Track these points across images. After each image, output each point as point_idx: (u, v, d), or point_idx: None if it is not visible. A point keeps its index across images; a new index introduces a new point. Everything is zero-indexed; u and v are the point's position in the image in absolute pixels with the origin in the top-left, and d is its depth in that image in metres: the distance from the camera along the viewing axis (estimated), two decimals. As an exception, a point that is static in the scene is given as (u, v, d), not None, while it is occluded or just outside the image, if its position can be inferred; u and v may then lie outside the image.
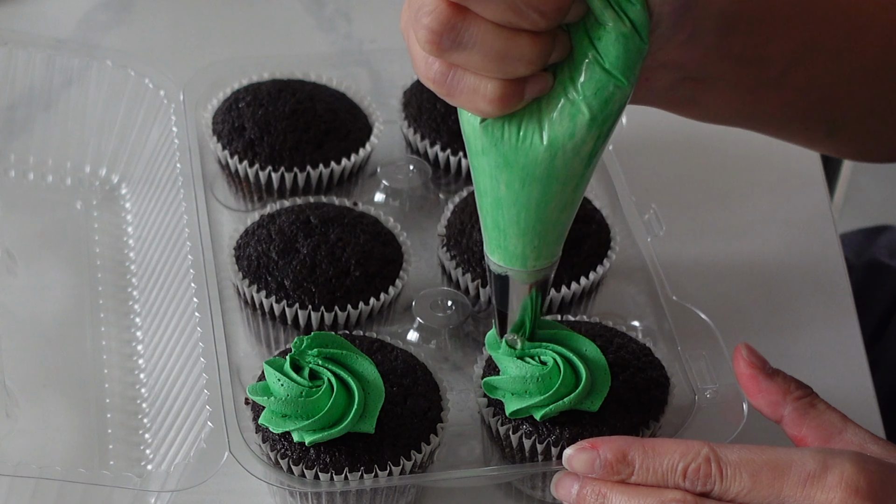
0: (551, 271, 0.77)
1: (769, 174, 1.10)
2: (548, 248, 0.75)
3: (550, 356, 0.81)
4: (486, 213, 0.74)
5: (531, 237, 0.74)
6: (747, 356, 0.80)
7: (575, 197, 0.74)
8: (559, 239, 0.76)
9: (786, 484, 0.70)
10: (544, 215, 0.73)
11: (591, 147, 0.71)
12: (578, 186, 0.73)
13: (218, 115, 1.00)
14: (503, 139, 0.71)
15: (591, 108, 0.70)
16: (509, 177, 0.72)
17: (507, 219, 0.74)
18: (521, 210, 0.73)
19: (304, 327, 0.89)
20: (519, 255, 0.75)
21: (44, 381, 0.92)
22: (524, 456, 0.83)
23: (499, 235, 0.75)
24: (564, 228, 0.75)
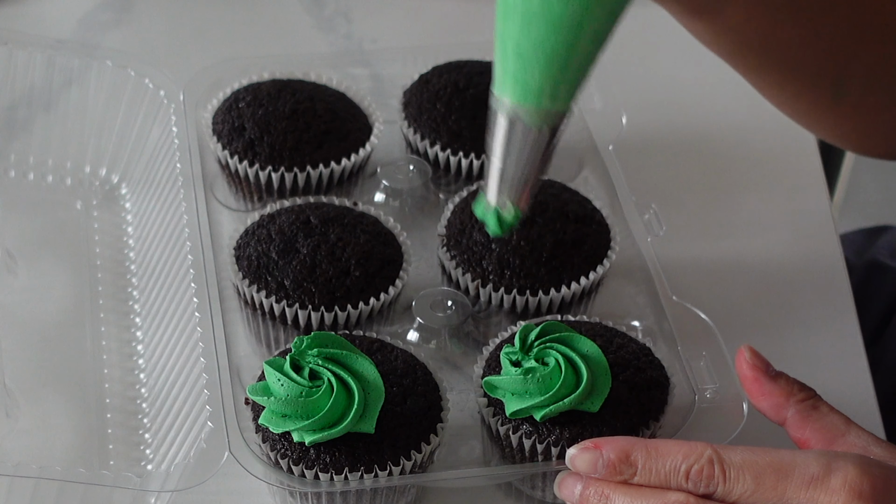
0: (561, 122, 0.70)
1: (769, 174, 1.10)
2: (566, 86, 0.69)
3: (552, 356, 0.81)
4: (509, 37, 0.68)
5: (555, 66, 0.68)
6: (750, 358, 0.80)
7: (608, 30, 0.67)
8: (580, 81, 0.69)
9: (789, 486, 0.70)
10: (576, 40, 0.67)
11: None
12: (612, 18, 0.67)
13: (218, 115, 1.00)
14: None
15: None
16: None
17: (534, 39, 0.67)
18: (552, 28, 0.66)
19: (304, 327, 0.89)
20: (535, 88, 0.68)
21: (44, 381, 0.92)
22: (524, 456, 0.83)
23: (518, 63, 0.68)
24: (588, 69, 0.69)
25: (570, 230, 0.92)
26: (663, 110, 1.13)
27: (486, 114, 0.99)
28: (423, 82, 1.02)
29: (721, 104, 1.14)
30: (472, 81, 1.01)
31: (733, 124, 1.13)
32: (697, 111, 1.14)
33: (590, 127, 1.03)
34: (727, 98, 1.15)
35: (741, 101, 1.14)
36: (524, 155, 0.71)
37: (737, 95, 1.15)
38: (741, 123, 1.14)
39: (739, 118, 1.14)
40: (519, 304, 0.91)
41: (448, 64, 1.03)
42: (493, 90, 0.69)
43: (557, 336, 0.83)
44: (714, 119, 1.14)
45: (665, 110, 1.13)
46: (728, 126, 1.13)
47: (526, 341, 0.82)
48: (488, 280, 0.91)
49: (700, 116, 1.14)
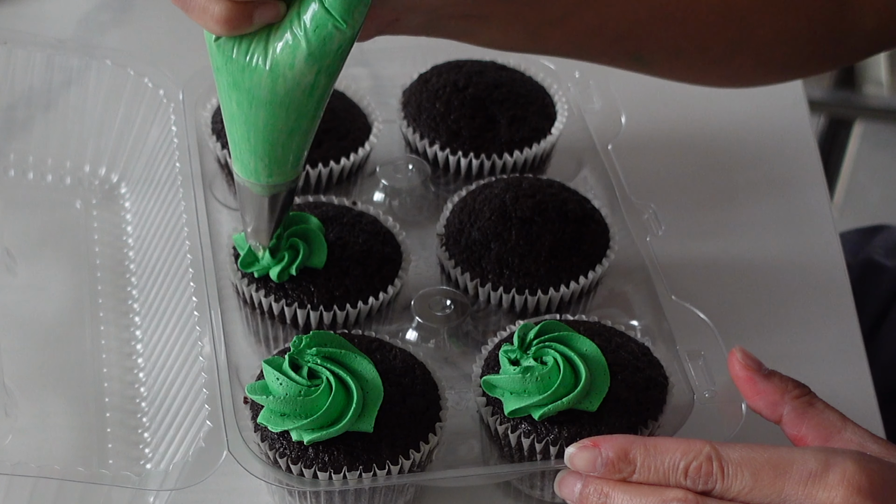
0: (285, 188, 0.82)
1: (769, 174, 1.10)
2: (279, 167, 0.81)
3: (551, 356, 0.81)
4: (227, 128, 0.80)
5: (261, 155, 0.80)
6: (742, 359, 0.80)
7: (301, 126, 0.78)
8: (292, 162, 0.81)
9: (787, 483, 0.70)
10: (272, 137, 0.78)
11: (311, 80, 0.75)
12: (303, 116, 0.78)
13: (217, 114, 1.00)
14: (233, 59, 0.76)
15: (309, 44, 0.74)
16: (239, 96, 0.77)
17: (240, 135, 0.79)
18: (251, 129, 0.78)
19: (302, 326, 0.89)
20: (252, 169, 0.81)
21: (43, 380, 0.92)
22: (523, 455, 0.83)
23: (235, 149, 0.80)
24: (296, 153, 0.80)
25: (569, 229, 0.92)
26: (663, 110, 1.13)
27: (484, 113, 1.00)
28: (422, 82, 1.02)
29: (721, 104, 1.14)
30: (472, 81, 1.01)
31: (733, 124, 1.13)
32: (697, 111, 1.14)
33: (589, 126, 1.03)
34: (727, 98, 1.15)
35: (741, 101, 1.14)
36: (256, 212, 0.84)
37: (737, 95, 1.15)
38: (741, 123, 1.14)
39: (739, 118, 1.14)
40: (518, 303, 0.91)
41: (447, 63, 1.03)
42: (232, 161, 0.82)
43: (556, 335, 0.83)
44: (714, 119, 1.14)
45: (664, 110, 1.13)
46: (728, 126, 1.13)
47: (525, 340, 0.83)
48: (487, 279, 0.91)
49: (700, 116, 1.14)
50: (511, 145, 0.99)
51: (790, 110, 1.15)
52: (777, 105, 1.15)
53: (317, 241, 0.88)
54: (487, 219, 0.92)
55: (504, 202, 0.93)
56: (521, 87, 1.02)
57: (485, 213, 0.92)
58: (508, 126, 1.00)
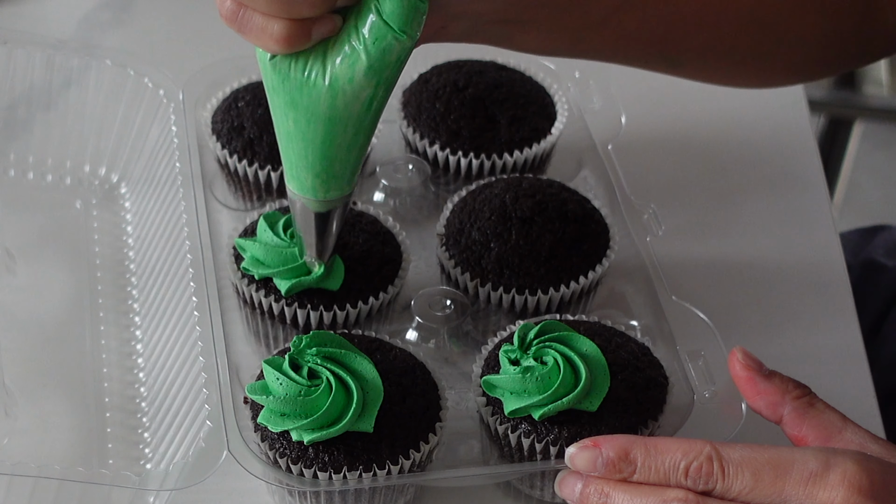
0: (341, 203, 0.82)
1: (769, 174, 1.10)
2: (336, 182, 0.81)
3: (551, 356, 0.81)
4: (281, 146, 0.80)
5: (318, 171, 0.80)
6: (743, 359, 0.80)
7: (358, 140, 0.78)
8: (348, 176, 0.81)
9: (788, 483, 0.70)
10: (330, 153, 0.78)
11: (370, 93, 0.75)
12: (361, 130, 0.78)
13: (217, 115, 1.00)
14: (290, 77, 0.76)
15: (369, 56, 0.74)
16: (296, 114, 0.77)
17: (297, 153, 0.79)
18: (308, 146, 0.78)
19: (302, 326, 0.89)
20: (309, 186, 0.81)
21: (43, 380, 0.92)
22: (523, 455, 0.83)
23: (291, 167, 0.80)
24: (353, 167, 0.80)
25: (569, 230, 0.92)
26: (663, 110, 1.13)
27: (484, 113, 1.00)
28: (422, 82, 1.02)
29: (721, 104, 1.14)
30: (472, 81, 1.01)
31: (733, 124, 1.13)
32: (697, 111, 1.14)
33: (589, 126, 1.03)
34: (727, 98, 1.15)
35: (741, 101, 1.14)
36: (313, 227, 0.84)
37: (737, 95, 1.15)
38: (741, 123, 1.14)
39: (739, 118, 1.14)
40: (518, 303, 0.91)
41: (447, 63, 1.03)
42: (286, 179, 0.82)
43: (556, 335, 0.83)
44: (714, 119, 1.13)
45: (664, 110, 1.13)
46: (728, 126, 1.13)
47: (525, 340, 0.83)
48: (487, 279, 0.91)
49: (700, 116, 1.14)
50: (511, 145, 0.99)
51: (790, 110, 1.15)
52: (777, 105, 1.15)
53: (336, 264, 0.88)
54: (487, 219, 0.92)
55: (504, 202, 0.93)
56: (521, 87, 1.02)
57: (485, 213, 0.92)
58: (508, 126, 1.00)
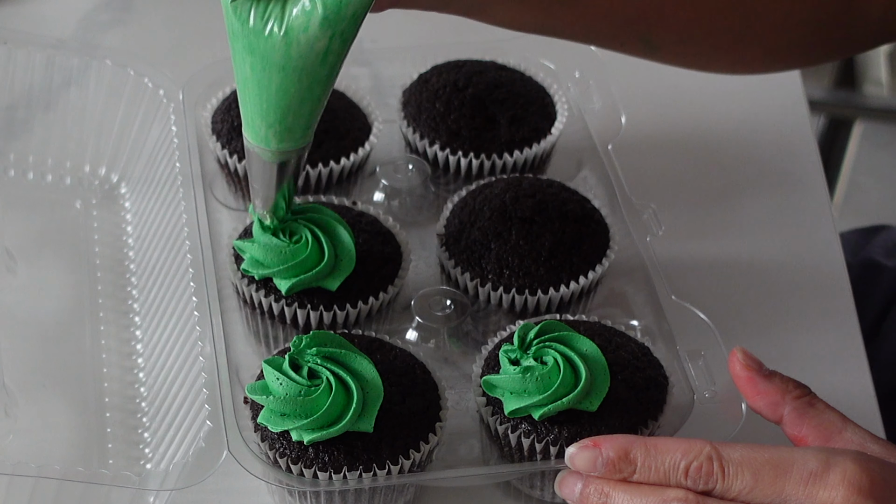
0: (295, 155, 0.83)
1: (769, 174, 1.10)
2: (289, 133, 0.81)
3: (551, 355, 0.81)
4: (239, 91, 0.81)
5: (272, 121, 0.80)
6: (743, 359, 0.80)
7: (313, 92, 0.79)
8: (303, 128, 0.81)
9: (788, 482, 0.70)
10: (283, 103, 0.79)
11: (325, 45, 0.76)
12: (316, 83, 0.79)
13: (217, 115, 1.00)
14: (249, 23, 0.77)
15: (325, 7, 0.75)
16: (253, 60, 0.78)
17: (253, 100, 0.80)
18: (263, 93, 0.79)
19: (302, 326, 0.89)
20: (263, 135, 0.82)
21: (43, 380, 0.92)
22: (523, 455, 0.83)
23: (247, 114, 0.81)
24: (307, 120, 0.81)
25: (568, 229, 0.92)
26: (663, 110, 1.13)
27: (484, 113, 1.00)
28: (422, 82, 1.02)
29: (721, 104, 1.14)
30: (472, 81, 1.01)
31: (733, 124, 1.14)
32: (697, 111, 1.14)
33: (589, 126, 1.03)
34: (727, 98, 1.15)
35: (741, 100, 1.14)
36: (265, 178, 0.84)
37: (737, 95, 1.15)
38: (741, 123, 1.14)
39: (739, 118, 1.14)
40: (518, 303, 0.91)
41: (447, 63, 1.03)
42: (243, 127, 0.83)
43: (556, 335, 0.83)
44: (714, 119, 1.14)
45: (664, 110, 1.13)
46: (728, 126, 1.13)
47: (525, 340, 0.83)
48: (487, 279, 0.91)
49: (700, 116, 1.14)
50: (511, 145, 0.99)
51: (790, 110, 1.15)
52: (777, 105, 1.15)
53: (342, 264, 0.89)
54: (487, 219, 0.92)
55: (504, 202, 0.93)
56: (521, 87, 1.02)
57: (485, 213, 0.92)
58: (508, 126, 1.00)
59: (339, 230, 0.89)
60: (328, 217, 0.89)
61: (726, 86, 1.14)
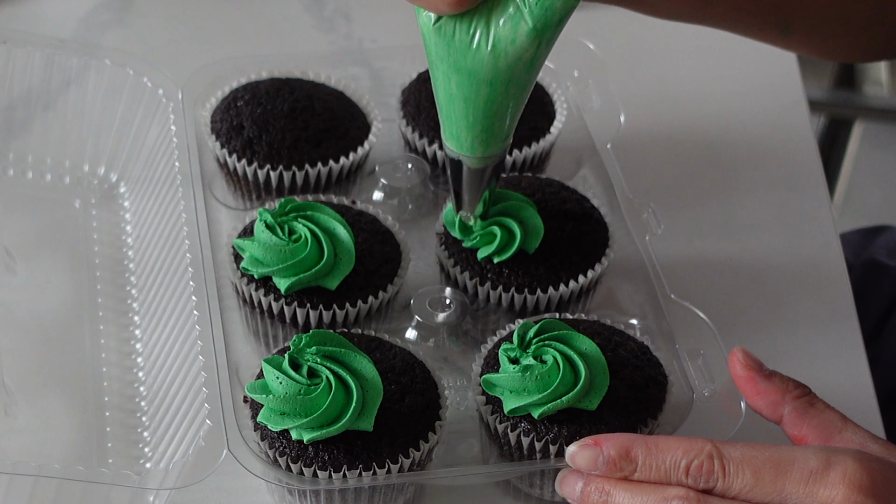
0: (500, 158, 0.85)
1: (769, 174, 1.10)
2: (494, 139, 0.83)
3: (550, 354, 0.81)
4: (441, 107, 0.82)
5: (478, 131, 0.82)
6: (743, 359, 0.80)
7: (519, 98, 0.81)
8: (506, 132, 0.83)
9: (788, 481, 0.70)
10: (491, 112, 0.81)
11: (532, 53, 0.77)
12: (521, 89, 0.80)
13: (216, 114, 1.00)
14: (454, 41, 0.78)
15: (533, 17, 0.76)
16: (460, 77, 0.79)
17: (458, 113, 0.81)
18: (470, 107, 0.80)
19: (302, 325, 0.89)
20: (468, 144, 0.83)
21: (43, 380, 0.92)
22: (522, 454, 0.83)
23: (451, 126, 0.83)
24: (510, 124, 0.83)
25: (568, 228, 0.92)
26: (662, 109, 1.13)
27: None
28: (421, 81, 1.02)
29: (720, 103, 1.14)
30: (471, 80, 1.01)
31: (733, 123, 1.13)
32: (696, 110, 1.14)
33: (588, 125, 1.03)
34: (726, 97, 1.15)
35: (741, 99, 1.14)
36: (469, 184, 0.86)
37: (737, 95, 1.15)
38: (741, 122, 1.14)
39: (739, 117, 1.14)
40: (517, 302, 0.91)
41: (447, 63, 1.03)
42: (443, 137, 0.84)
43: (556, 334, 0.83)
44: (713, 118, 1.13)
45: (664, 109, 1.13)
46: (727, 125, 1.13)
47: (524, 339, 0.82)
48: (486, 278, 0.91)
49: (699, 115, 1.13)
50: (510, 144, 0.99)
51: (790, 110, 1.15)
52: (777, 105, 1.15)
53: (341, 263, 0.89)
54: (487, 218, 0.92)
55: (504, 201, 0.92)
56: (520, 86, 1.02)
57: (484, 212, 0.92)
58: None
59: (339, 229, 0.89)
60: (327, 216, 0.89)
61: (726, 86, 1.14)
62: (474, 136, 0.82)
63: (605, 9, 0.97)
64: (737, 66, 1.17)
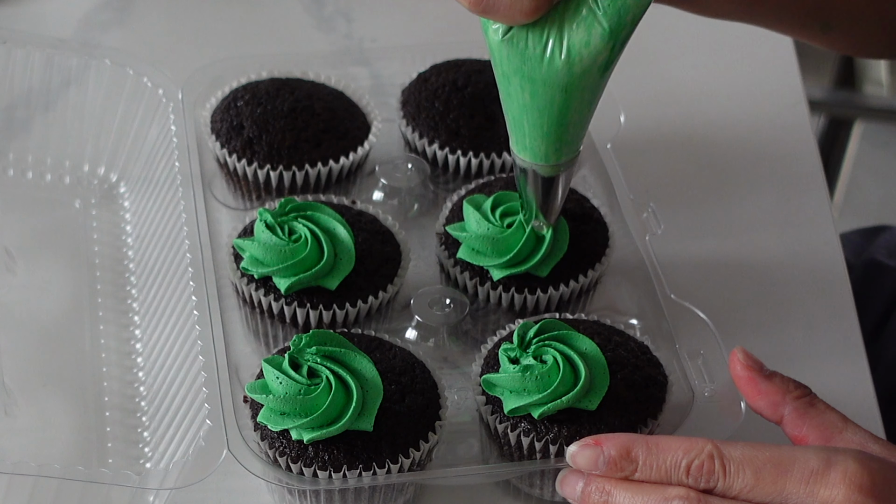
0: (573, 164, 0.84)
1: (769, 174, 1.10)
2: (567, 146, 0.82)
3: (550, 354, 0.81)
4: (513, 118, 0.81)
5: (553, 139, 0.81)
6: (744, 359, 0.80)
7: (593, 102, 0.80)
8: (579, 137, 0.82)
9: (789, 481, 0.70)
10: (566, 119, 0.80)
11: (607, 57, 0.77)
12: (595, 93, 0.79)
13: (216, 114, 1.00)
14: (527, 51, 0.77)
15: (608, 19, 0.75)
16: (533, 87, 0.78)
17: (532, 123, 0.80)
18: (544, 115, 0.79)
19: (302, 325, 0.89)
20: (542, 153, 0.82)
21: (43, 380, 0.92)
22: (522, 454, 0.83)
23: (524, 137, 0.81)
24: (584, 129, 0.82)
25: (568, 228, 0.92)
26: (662, 109, 1.13)
27: (484, 112, 1.00)
28: (421, 81, 1.02)
29: (720, 103, 1.14)
30: (471, 80, 1.01)
31: (733, 123, 1.13)
32: (696, 110, 1.14)
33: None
34: (726, 97, 1.15)
35: (741, 100, 1.14)
36: (544, 192, 0.85)
37: (737, 95, 1.15)
38: (741, 122, 1.14)
39: (739, 117, 1.14)
40: (517, 302, 0.91)
41: (447, 62, 1.03)
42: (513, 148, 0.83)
43: (556, 334, 0.83)
44: (713, 118, 1.14)
45: (664, 109, 1.13)
46: (727, 125, 1.13)
47: (524, 339, 0.82)
48: (486, 278, 0.91)
49: (699, 115, 1.14)
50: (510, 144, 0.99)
51: (790, 110, 1.15)
52: (777, 105, 1.15)
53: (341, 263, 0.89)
54: (487, 218, 0.92)
55: (504, 201, 0.92)
56: (520, 86, 1.02)
57: (484, 212, 0.92)
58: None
59: (339, 229, 0.89)
60: (327, 216, 0.89)
61: (726, 86, 1.14)
62: (548, 144, 0.81)
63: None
64: (737, 67, 1.17)
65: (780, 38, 1.17)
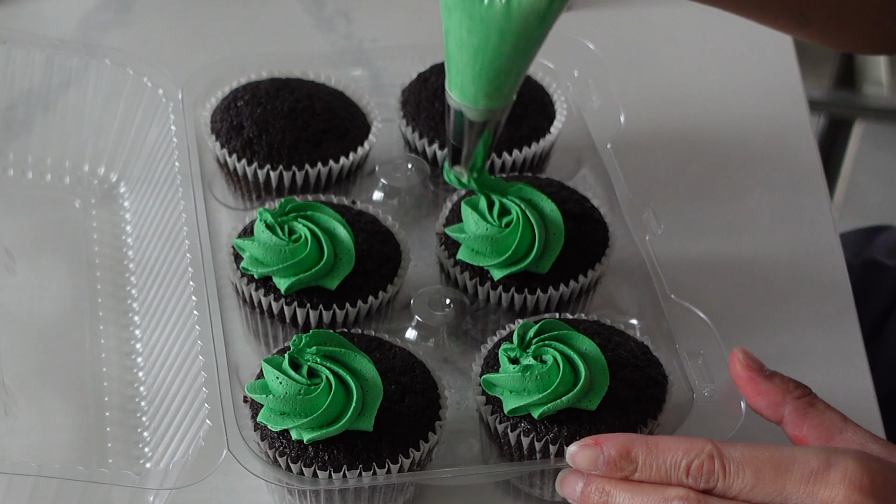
0: (502, 115, 0.85)
1: (769, 174, 1.10)
2: (497, 92, 0.83)
3: (550, 354, 0.81)
4: (450, 53, 0.82)
5: (483, 80, 0.82)
6: (744, 359, 0.80)
7: (528, 52, 0.81)
8: (511, 86, 0.83)
9: (789, 481, 0.70)
10: (498, 63, 0.81)
11: (545, 6, 0.78)
12: (531, 43, 0.80)
13: (216, 114, 1.00)
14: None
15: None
16: (472, 24, 0.80)
17: (465, 60, 0.81)
18: (478, 55, 0.81)
19: (302, 325, 0.89)
20: (472, 94, 0.83)
21: (43, 380, 0.92)
22: (522, 454, 0.83)
23: (457, 74, 0.83)
24: (515, 79, 0.83)
25: (567, 228, 0.92)
26: (662, 109, 1.13)
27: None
28: (421, 81, 1.02)
29: (720, 103, 1.14)
30: (471, 80, 1.01)
31: (733, 123, 1.13)
32: (696, 110, 1.14)
33: (588, 125, 1.03)
34: (726, 97, 1.15)
35: (741, 100, 1.14)
36: (468, 136, 0.86)
37: (737, 95, 1.15)
38: (741, 122, 1.14)
39: (739, 117, 1.14)
40: (517, 302, 0.91)
41: (446, 63, 1.03)
42: (447, 87, 0.84)
43: (556, 334, 0.83)
44: (713, 118, 1.13)
45: (664, 109, 1.13)
46: (727, 125, 1.13)
47: (524, 339, 0.82)
48: (486, 278, 0.91)
49: (699, 115, 1.13)
50: (510, 144, 0.99)
51: (790, 110, 1.15)
52: (777, 105, 1.15)
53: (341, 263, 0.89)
54: (487, 218, 0.92)
55: (504, 201, 0.92)
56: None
57: (484, 212, 0.92)
58: (507, 125, 0.99)
59: (339, 229, 0.89)
60: (327, 216, 0.89)
61: (726, 86, 1.14)
62: (479, 86, 0.82)
63: (604, 8, 0.97)
64: (737, 66, 1.17)
65: (781, 37, 1.17)
